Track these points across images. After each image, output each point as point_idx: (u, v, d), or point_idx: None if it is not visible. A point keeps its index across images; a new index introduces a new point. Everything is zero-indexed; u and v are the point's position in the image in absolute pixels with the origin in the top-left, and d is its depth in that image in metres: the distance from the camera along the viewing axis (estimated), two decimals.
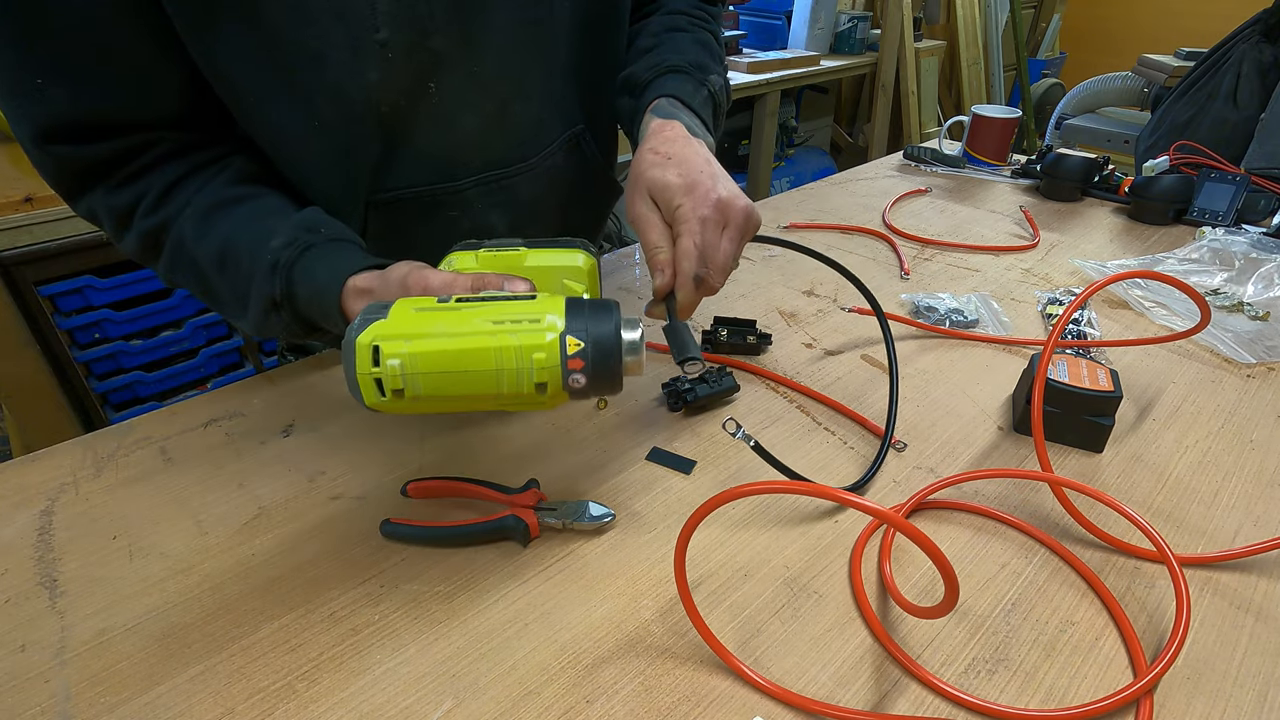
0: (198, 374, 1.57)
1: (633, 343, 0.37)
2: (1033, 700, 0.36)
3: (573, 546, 0.45)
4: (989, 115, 1.13)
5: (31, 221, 1.23)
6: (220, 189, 0.49)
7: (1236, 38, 1.45)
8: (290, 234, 0.47)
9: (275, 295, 0.46)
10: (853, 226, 0.94)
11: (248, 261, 0.47)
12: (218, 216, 0.48)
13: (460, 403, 0.37)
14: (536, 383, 0.36)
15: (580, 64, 0.61)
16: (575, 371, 0.36)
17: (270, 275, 0.46)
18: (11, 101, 0.44)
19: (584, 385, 0.36)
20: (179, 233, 0.49)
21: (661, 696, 0.36)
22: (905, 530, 0.29)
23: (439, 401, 0.36)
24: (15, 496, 0.50)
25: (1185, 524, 0.47)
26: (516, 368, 0.35)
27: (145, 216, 0.49)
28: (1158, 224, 0.95)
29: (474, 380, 0.35)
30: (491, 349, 0.35)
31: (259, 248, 0.46)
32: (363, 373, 0.35)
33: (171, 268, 0.51)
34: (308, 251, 0.46)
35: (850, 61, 2.85)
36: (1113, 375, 0.53)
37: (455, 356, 0.35)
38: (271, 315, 0.47)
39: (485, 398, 0.36)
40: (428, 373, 0.35)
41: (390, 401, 0.35)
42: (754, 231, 0.52)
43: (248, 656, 0.38)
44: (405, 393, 0.35)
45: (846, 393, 0.60)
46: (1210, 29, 2.10)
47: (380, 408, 0.36)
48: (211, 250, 0.48)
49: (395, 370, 0.34)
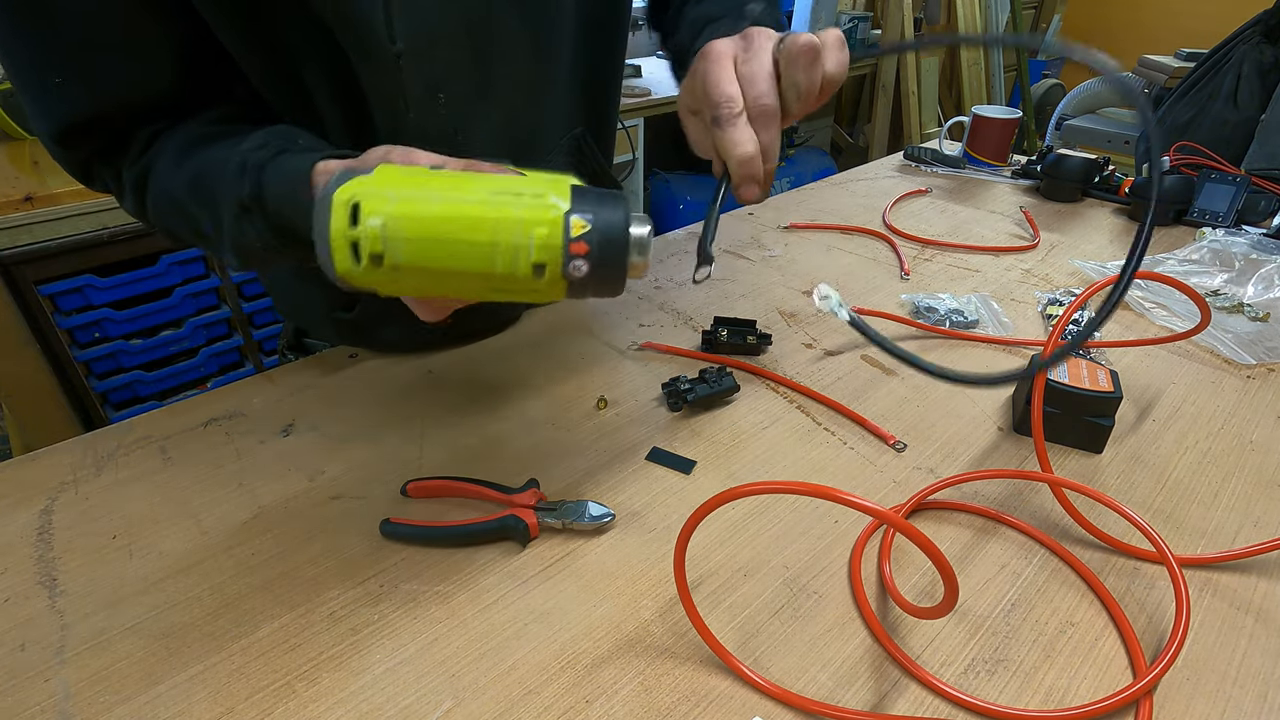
0: (198, 374, 1.57)
1: (641, 238, 0.33)
2: (1033, 700, 0.36)
3: (572, 546, 0.45)
4: (989, 116, 1.13)
5: (31, 221, 1.23)
6: (201, 126, 0.48)
7: (1237, 38, 1.45)
8: (262, 139, 0.43)
9: (244, 197, 0.42)
10: (853, 227, 0.94)
11: (216, 175, 0.44)
12: (195, 149, 0.47)
13: (444, 282, 0.32)
14: (535, 263, 0.31)
15: (583, 67, 0.61)
16: (578, 257, 0.31)
17: (240, 176, 0.42)
18: (33, 101, 0.45)
19: (585, 275, 0.32)
20: (157, 169, 0.47)
21: (661, 696, 0.36)
22: (905, 531, 0.29)
23: (421, 277, 0.31)
24: (15, 496, 0.50)
25: (1185, 525, 0.47)
26: (514, 243, 0.31)
27: (130, 166, 0.48)
28: (1158, 224, 0.95)
29: (464, 253, 0.31)
30: (488, 219, 0.31)
31: (229, 158, 0.43)
32: (337, 232, 0.30)
33: (156, 209, 0.49)
34: (281, 155, 0.42)
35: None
36: (1113, 376, 0.53)
37: (446, 223, 0.30)
38: (243, 223, 0.43)
39: (473, 277, 0.32)
40: (412, 238, 0.30)
41: (365, 271, 0.31)
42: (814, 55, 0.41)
43: (247, 656, 0.38)
44: (384, 260, 0.30)
45: (846, 393, 0.60)
46: (1210, 29, 2.10)
47: (350, 278, 0.31)
48: (185, 178, 0.46)
49: (375, 231, 0.30)
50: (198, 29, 0.46)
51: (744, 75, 0.41)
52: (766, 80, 0.41)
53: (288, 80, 0.50)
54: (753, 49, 0.42)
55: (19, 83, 0.44)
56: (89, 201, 1.27)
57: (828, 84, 0.42)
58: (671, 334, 0.69)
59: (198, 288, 1.50)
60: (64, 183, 1.26)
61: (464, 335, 0.68)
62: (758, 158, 0.41)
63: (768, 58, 0.41)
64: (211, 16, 0.45)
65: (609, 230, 0.32)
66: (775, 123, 0.42)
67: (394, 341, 0.66)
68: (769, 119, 0.41)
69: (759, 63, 0.41)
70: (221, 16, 0.45)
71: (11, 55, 0.43)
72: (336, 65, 0.48)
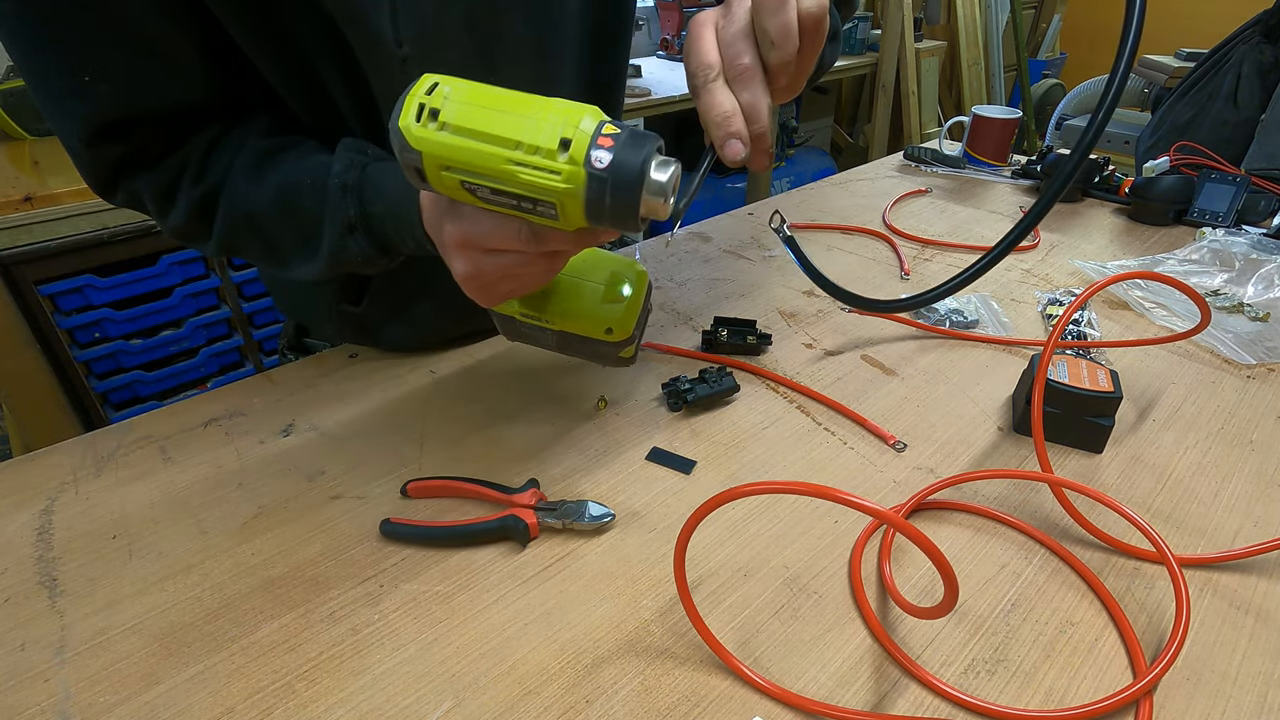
0: (198, 374, 1.57)
1: (666, 160, 0.35)
2: (1033, 700, 0.36)
3: (572, 546, 0.45)
4: (989, 116, 1.13)
5: (31, 221, 1.23)
6: (259, 142, 0.50)
7: (1237, 38, 1.45)
8: (347, 158, 0.48)
9: (350, 217, 0.47)
10: (853, 227, 0.94)
11: (313, 196, 0.48)
12: (267, 166, 0.49)
13: (477, 146, 0.34)
14: (563, 137, 0.34)
15: (587, 69, 0.61)
16: (603, 148, 0.34)
17: (342, 197, 0.47)
18: (60, 104, 0.45)
19: (605, 167, 0.34)
20: (232, 189, 0.49)
21: (661, 696, 0.36)
22: (905, 531, 0.29)
23: (460, 139, 0.34)
24: (15, 496, 0.50)
25: (1185, 524, 0.47)
26: (548, 120, 0.34)
27: (193, 186, 0.49)
28: (1158, 225, 0.95)
29: (503, 122, 0.34)
30: (535, 101, 0.35)
31: (319, 180, 0.47)
32: (414, 94, 0.35)
33: (227, 229, 0.50)
34: (366, 169, 0.47)
35: (850, 62, 2.85)
36: (1113, 376, 0.53)
37: (499, 97, 0.35)
38: (348, 239, 0.48)
39: (505, 143, 0.34)
40: (466, 103, 0.34)
41: (420, 128, 0.34)
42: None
43: (247, 656, 0.38)
44: (439, 116, 0.34)
45: (846, 393, 0.60)
46: (1210, 29, 2.10)
47: (406, 131, 0.35)
48: (267, 198, 0.49)
49: (442, 94, 0.34)
50: (220, 34, 0.46)
51: (723, 40, 0.41)
52: (743, 40, 0.40)
53: (302, 77, 0.50)
54: (731, 12, 0.41)
55: (46, 92, 0.44)
56: (89, 202, 1.27)
57: (807, 21, 0.40)
58: (671, 334, 0.69)
59: (198, 288, 1.50)
60: (64, 183, 1.26)
61: (465, 335, 0.68)
62: (735, 116, 0.40)
63: (744, 16, 0.40)
64: (223, 14, 0.45)
65: (636, 137, 0.35)
66: (755, 81, 0.40)
67: (397, 340, 0.66)
68: (747, 79, 0.40)
69: (736, 25, 0.40)
70: (231, 12, 0.45)
71: (36, 63, 0.43)
72: (347, 60, 0.49)
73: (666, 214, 0.36)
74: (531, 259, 0.39)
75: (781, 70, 0.40)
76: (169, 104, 0.47)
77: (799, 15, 0.39)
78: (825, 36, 0.41)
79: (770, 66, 0.40)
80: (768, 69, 0.40)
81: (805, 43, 0.40)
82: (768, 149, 0.42)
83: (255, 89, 0.51)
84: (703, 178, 0.42)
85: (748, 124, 0.40)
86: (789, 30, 0.39)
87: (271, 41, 0.48)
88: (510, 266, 0.40)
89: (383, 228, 0.47)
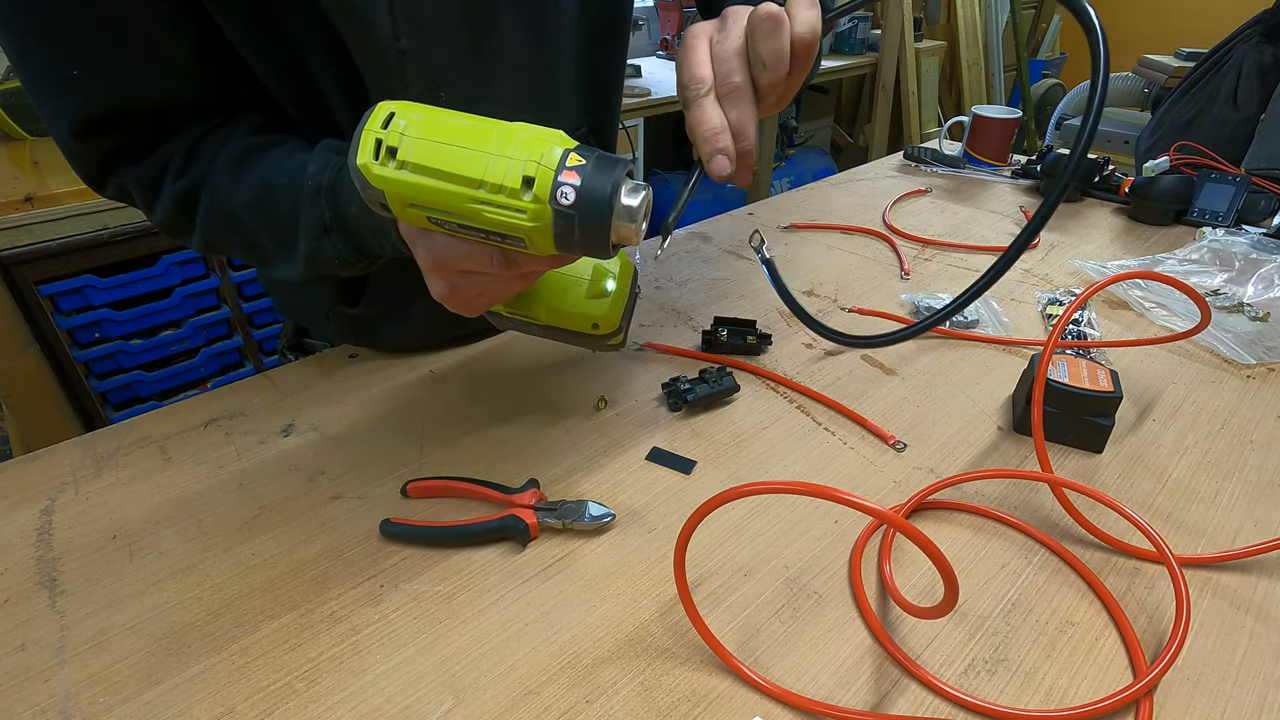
0: (198, 374, 1.57)
1: (636, 186, 0.34)
2: (1033, 700, 0.36)
3: (572, 546, 0.45)
4: (989, 116, 1.13)
5: (31, 221, 1.23)
6: (243, 139, 0.50)
7: (1236, 38, 1.45)
8: (323, 159, 0.47)
9: (325, 218, 0.46)
10: (853, 227, 0.94)
11: (289, 196, 0.47)
12: (248, 164, 0.49)
13: (439, 185, 0.34)
14: (525, 175, 0.33)
15: (585, 67, 0.61)
16: (567, 184, 0.33)
17: (316, 199, 0.46)
18: (49, 98, 0.45)
19: (571, 205, 0.33)
20: (212, 186, 0.49)
21: (661, 697, 0.36)
22: (905, 531, 0.29)
23: (421, 178, 0.34)
24: (15, 496, 0.50)
25: (1185, 524, 0.47)
26: (511, 155, 0.33)
27: (175, 180, 0.49)
28: (1158, 224, 0.95)
29: (464, 160, 0.33)
30: (495, 134, 0.34)
31: (296, 181, 0.47)
32: (369, 129, 0.34)
33: (208, 225, 0.50)
34: (341, 171, 0.47)
35: (850, 61, 2.85)
36: (1113, 376, 0.53)
37: (459, 131, 0.34)
38: (323, 240, 0.47)
39: (468, 183, 0.33)
40: (425, 139, 0.33)
41: (379, 166, 0.34)
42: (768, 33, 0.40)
43: (247, 656, 0.38)
44: (397, 154, 0.33)
45: (846, 393, 0.60)
46: (1210, 29, 2.10)
47: (365, 170, 0.34)
48: (248, 196, 0.48)
49: (399, 129, 0.33)
50: (212, 30, 0.46)
51: (717, 56, 0.41)
52: (736, 59, 0.41)
53: (294, 73, 0.50)
54: (726, 28, 0.41)
55: (35, 84, 0.44)
56: (89, 202, 1.27)
57: (799, 47, 0.40)
58: (671, 334, 0.69)
59: (198, 288, 1.50)
60: (64, 183, 1.27)
61: (465, 335, 0.68)
62: (723, 133, 0.40)
63: (739, 35, 0.41)
64: (216, 8, 0.45)
65: (603, 164, 0.34)
66: (745, 100, 0.41)
67: (395, 340, 0.66)
68: (737, 97, 0.41)
69: (730, 41, 0.41)
70: (225, 7, 0.45)
71: (27, 55, 0.44)
72: (340, 57, 0.49)
73: (639, 239, 0.35)
74: (506, 279, 0.40)
75: (770, 91, 0.41)
76: (159, 99, 0.47)
77: (792, 40, 0.40)
78: (815, 59, 0.42)
79: (760, 87, 0.41)
80: (758, 89, 0.41)
81: (795, 66, 0.41)
82: (752, 165, 0.42)
83: (247, 86, 0.51)
84: (692, 190, 0.43)
85: (735, 141, 0.41)
86: (781, 55, 0.40)
87: (265, 36, 0.48)
88: (485, 284, 0.41)
89: (358, 229, 0.46)
